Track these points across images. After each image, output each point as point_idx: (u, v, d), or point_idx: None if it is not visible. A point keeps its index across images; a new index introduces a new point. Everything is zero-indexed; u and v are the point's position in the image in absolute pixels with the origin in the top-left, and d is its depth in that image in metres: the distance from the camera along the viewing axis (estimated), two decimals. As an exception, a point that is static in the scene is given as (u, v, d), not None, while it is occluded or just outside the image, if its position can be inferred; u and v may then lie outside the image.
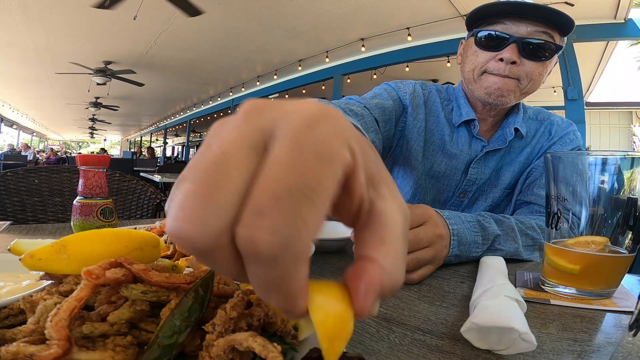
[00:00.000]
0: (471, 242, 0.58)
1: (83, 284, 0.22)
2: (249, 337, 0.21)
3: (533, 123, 0.86)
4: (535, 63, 0.73)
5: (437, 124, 0.86)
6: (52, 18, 5.09)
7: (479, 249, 0.59)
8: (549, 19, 0.70)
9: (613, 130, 8.86)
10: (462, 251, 0.57)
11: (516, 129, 0.82)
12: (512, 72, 0.73)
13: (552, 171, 0.48)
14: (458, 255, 0.57)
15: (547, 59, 0.73)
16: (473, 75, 0.78)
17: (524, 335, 0.30)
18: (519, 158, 0.83)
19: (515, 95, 0.76)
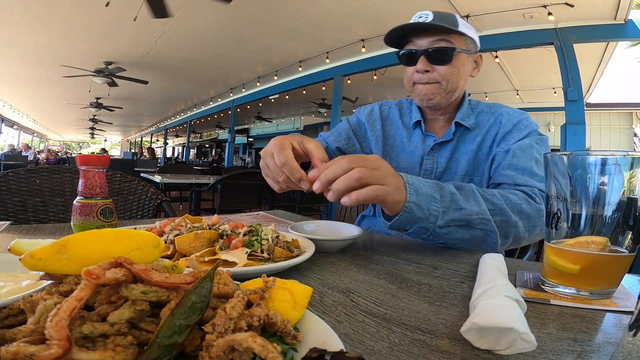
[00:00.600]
0: (428, 195, 0.62)
1: (83, 284, 0.23)
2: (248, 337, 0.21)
3: (486, 115, 0.96)
4: (444, 66, 0.86)
5: (396, 130, 1.03)
6: (53, 18, 5.10)
7: (438, 205, 0.63)
8: (437, 28, 0.84)
9: (613, 131, 8.86)
10: (420, 201, 0.61)
11: (458, 123, 0.93)
12: (430, 78, 0.88)
13: (552, 171, 0.48)
14: (418, 205, 0.61)
15: (449, 61, 0.86)
16: (409, 87, 0.94)
17: (524, 336, 0.30)
18: (471, 147, 0.93)
19: (441, 96, 0.90)
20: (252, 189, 3.59)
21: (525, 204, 0.71)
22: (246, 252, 0.53)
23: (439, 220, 0.63)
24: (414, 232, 0.66)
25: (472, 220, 0.65)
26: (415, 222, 0.63)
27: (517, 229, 0.69)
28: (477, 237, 0.67)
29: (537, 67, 6.31)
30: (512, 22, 4.67)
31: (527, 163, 0.81)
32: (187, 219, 0.65)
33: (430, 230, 0.65)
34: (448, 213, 0.63)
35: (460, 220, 0.65)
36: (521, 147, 0.84)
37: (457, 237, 0.67)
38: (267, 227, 0.61)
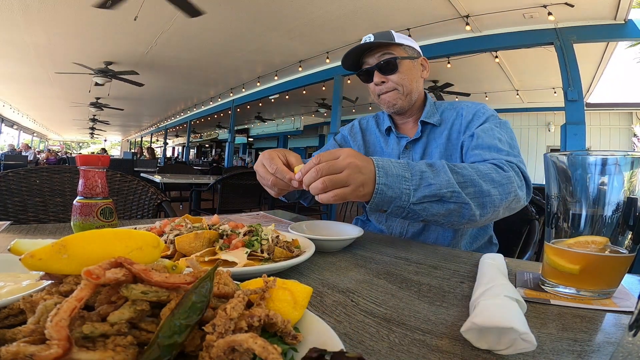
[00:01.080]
0: (398, 175, 0.67)
1: (83, 284, 0.23)
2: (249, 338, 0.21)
3: (449, 112, 1.07)
4: (394, 75, 1.00)
5: (374, 139, 1.17)
6: (53, 18, 5.09)
7: (408, 184, 0.67)
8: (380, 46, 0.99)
9: (613, 131, 8.85)
10: (390, 182, 0.66)
11: (423, 122, 1.05)
12: (388, 87, 1.02)
13: (552, 171, 0.48)
14: (389, 186, 0.65)
15: (396, 69, 1.00)
16: (376, 100, 1.07)
17: (524, 336, 0.30)
18: (440, 141, 1.04)
19: (402, 100, 1.03)
20: (252, 189, 3.59)
21: (494, 173, 0.75)
22: (246, 252, 0.53)
23: (412, 197, 0.67)
24: (392, 212, 0.69)
25: (443, 194, 0.68)
26: (390, 203, 0.67)
27: (492, 198, 0.72)
28: (453, 210, 0.70)
29: (537, 67, 6.31)
30: (512, 22, 4.67)
31: (491, 141, 0.89)
32: (187, 219, 0.65)
33: (406, 209, 0.68)
34: (419, 190, 0.68)
35: (432, 196, 0.68)
36: (483, 129, 0.93)
37: (433, 212, 0.70)
38: (267, 227, 0.61)
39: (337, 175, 0.63)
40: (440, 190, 0.68)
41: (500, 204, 0.73)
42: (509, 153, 0.85)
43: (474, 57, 5.64)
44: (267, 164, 0.74)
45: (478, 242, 1.02)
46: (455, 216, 0.71)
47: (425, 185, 0.68)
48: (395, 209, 0.68)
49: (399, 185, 0.67)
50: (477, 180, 0.72)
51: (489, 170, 0.75)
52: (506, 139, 0.91)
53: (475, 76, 7.06)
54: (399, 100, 1.02)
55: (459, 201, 0.69)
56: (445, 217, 0.71)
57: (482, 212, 0.72)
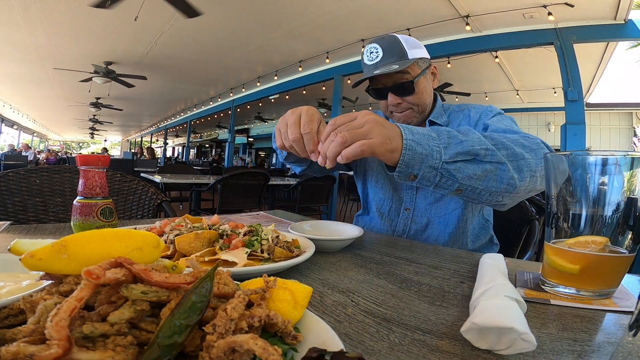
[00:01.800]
0: (424, 134, 0.63)
1: (83, 284, 0.23)
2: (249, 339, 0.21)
3: (456, 114, 1.05)
4: (411, 96, 0.96)
5: None
6: (53, 18, 5.09)
7: (437, 142, 0.63)
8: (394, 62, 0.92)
9: (613, 131, 8.85)
10: (418, 139, 0.61)
11: (431, 121, 1.03)
12: (403, 107, 0.98)
13: (552, 171, 0.48)
14: (417, 142, 0.61)
15: (413, 92, 0.96)
16: (387, 113, 1.04)
17: (524, 336, 0.30)
18: None
19: (417, 118, 1.01)
20: (252, 189, 3.59)
21: (523, 139, 0.71)
22: (246, 252, 0.53)
23: (443, 155, 0.62)
24: (423, 177, 0.63)
25: (477, 151, 0.63)
26: (421, 162, 0.61)
27: (527, 161, 0.67)
28: (489, 172, 0.64)
29: (537, 67, 6.31)
30: (512, 22, 4.67)
31: (505, 127, 0.87)
32: (187, 219, 0.65)
33: (439, 170, 0.62)
34: (450, 147, 0.62)
35: (465, 153, 0.62)
36: (493, 121, 0.93)
37: (469, 174, 0.63)
38: (267, 227, 0.61)
39: (357, 130, 0.59)
40: (473, 147, 0.63)
41: (536, 168, 0.68)
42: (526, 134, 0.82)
43: (474, 57, 5.64)
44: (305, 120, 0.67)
45: (479, 241, 1.02)
46: (492, 180, 0.65)
47: (457, 142, 0.63)
48: (427, 171, 0.62)
49: (428, 142, 0.62)
50: (508, 143, 0.67)
51: (517, 137, 0.71)
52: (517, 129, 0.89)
53: (475, 76, 7.06)
54: (413, 119, 1.01)
55: (495, 160, 0.64)
56: (483, 180, 0.65)
57: (521, 176, 0.66)
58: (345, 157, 0.59)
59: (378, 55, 0.94)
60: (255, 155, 21.32)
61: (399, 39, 0.95)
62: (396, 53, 0.93)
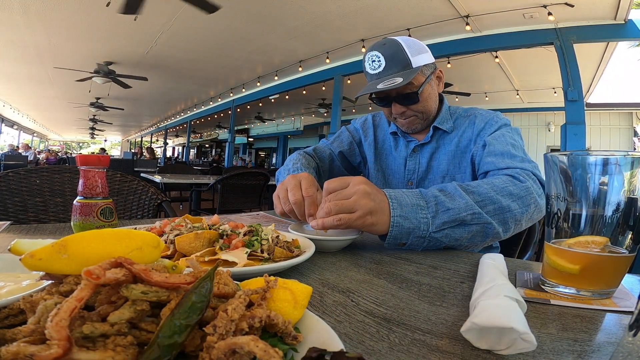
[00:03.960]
0: (413, 204, 0.65)
1: (83, 284, 0.23)
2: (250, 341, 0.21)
3: (462, 119, 1.04)
4: (415, 105, 0.96)
5: (385, 137, 1.15)
6: (53, 18, 5.10)
7: (425, 212, 0.65)
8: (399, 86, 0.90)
9: (613, 131, 8.85)
10: (406, 212, 0.64)
11: (436, 127, 1.02)
12: (407, 114, 0.99)
13: (552, 171, 0.48)
14: (404, 217, 0.63)
15: (417, 100, 0.95)
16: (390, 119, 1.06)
17: (524, 336, 0.30)
18: (449, 148, 1.02)
19: (421, 124, 1.02)
20: (252, 189, 3.59)
21: (511, 186, 0.72)
22: (246, 252, 0.53)
23: (431, 226, 0.65)
24: (412, 244, 0.67)
25: (463, 218, 0.66)
26: (409, 234, 0.65)
27: (512, 213, 0.69)
28: (476, 232, 0.68)
29: (537, 67, 6.32)
30: (512, 22, 4.68)
31: (503, 148, 0.86)
32: (187, 219, 0.65)
33: (427, 238, 0.66)
34: (437, 217, 0.65)
35: (452, 221, 0.65)
36: (495, 136, 0.91)
37: (456, 237, 0.67)
38: (267, 227, 0.61)
39: (343, 201, 0.62)
40: (459, 214, 0.65)
41: (521, 217, 0.71)
42: (524, 159, 0.82)
43: (474, 57, 5.65)
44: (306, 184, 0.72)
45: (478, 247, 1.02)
46: (479, 237, 0.69)
47: (443, 210, 0.65)
48: (414, 240, 0.66)
49: (416, 215, 0.64)
50: (495, 196, 0.69)
51: (505, 183, 0.72)
52: (520, 144, 0.89)
53: (475, 76, 7.06)
54: (417, 125, 1.01)
55: (481, 222, 0.67)
56: (469, 239, 0.69)
57: (505, 228, 0.70)
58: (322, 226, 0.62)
59: (380, 65, 0.92)
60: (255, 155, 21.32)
61: (402, 46, 0.91)
62: (399, 62, 0.91)
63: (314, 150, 1.13)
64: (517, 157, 0.82)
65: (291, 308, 0.30)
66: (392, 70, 0.91)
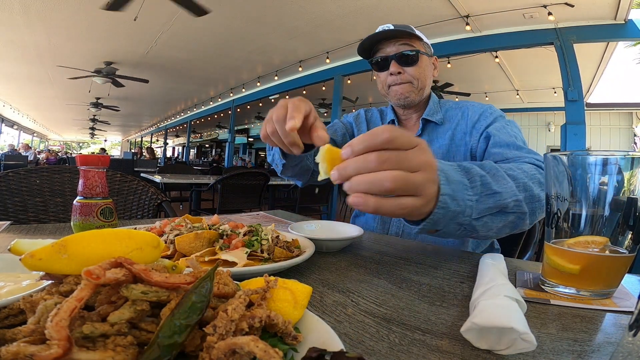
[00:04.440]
0: (459, 182, 0.50)
1: (83, 284, 0.23)
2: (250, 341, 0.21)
3: (454, 111, 1.05)
4: (412, 67, 0.98)
5: None
6: (53, 18, 5.09)
7: (470, 193, 0.51)
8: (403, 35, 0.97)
9: (613, 131, 8.85)
10: (454, 190, 0.48)
11: (425, 119, 1.04)
12: (403, 78, 0.99)
13: (553, 171, 0.48)
14: (453, 197, 0.48)
15: (416, 62, 0.98)
16: (385, 92, 1.05)
17: (524, 336, 0.30)
18: (443, 141, 1.02)
19: (415, 93, 1.01)
20: (252, 189, 3.59)
21: (539, 174, 0.64)
22: (246, 252, 0.53)
23: (474, 211, 0.51)
24: (445, 232, 0.53)
25: (507, 204, 0.55)
26: (450, 219, 0.50)
27: (541, 202, 0.60)
28: (509, 223, 0.58)
29: (537, 67, 6.31)
30: (512, 22, 4.68)
31: (508, 139, 0.86)
32: (187, 219, 0.65)
33: (464, 226, 0.52)
34: (481, 201, 0.52)
35: (495, 207, 0.54)
36: (496, 128, 0.91)
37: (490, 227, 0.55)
38: (267, 227, 0.61)
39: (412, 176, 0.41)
40: (505, 200, 0.54)
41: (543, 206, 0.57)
42: (529, 151, 0.81)
43: (474, 57, 5.64)
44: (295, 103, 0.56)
45: (479, 248, 1.01)
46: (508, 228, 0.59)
47: (489, 194, 0.53)
48: (452, 227, 0.51)
49: (463, 197, 0.50)
50: (529, 183, 0.60)
51: (533, 171, 0.64)
52: (520, 136, 0.89)
53: (475, 76, 7.06)
54: (411, 94, 1.00)
55: (520, 211, 0.57)
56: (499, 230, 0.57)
57: (531, 220, 0.61)
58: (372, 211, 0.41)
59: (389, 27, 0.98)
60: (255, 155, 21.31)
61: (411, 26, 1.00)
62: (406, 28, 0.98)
63: None
64: (524, 149, 0.82)
65: (291, 308, 0.30)
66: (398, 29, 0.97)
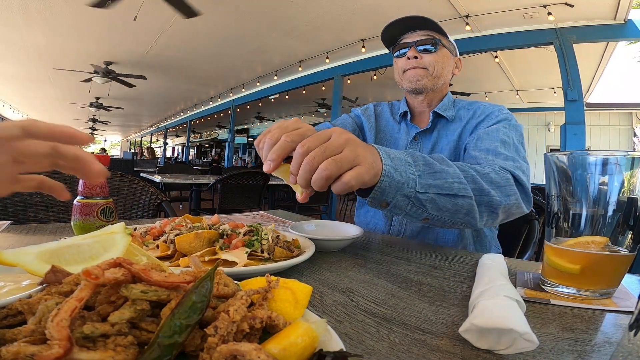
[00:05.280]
0: (401, 159, 0.59)
1: (83, 284, 0.23)
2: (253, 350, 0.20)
3: (465, 110, 1.05)
4: (430, 55, 0.99)
5: (386, 124, 1.16)
6: (52, 18, 5.09)
7: (413, 169, 0.59)
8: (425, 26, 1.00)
9: (613, 131, 8.85)
10: (396, 165, 0.57)
11: (437, 114, 1.03)
12: (419, 63, 1.00)
13: (553, 171, 0.48)
14: (395, 168, 0.56)
15: (435, 49, 0.99)
16: (400, 77, 1.06)
17: (525, 335, 0.30)
18: (452, 137, 1.02)
19: (428, 79, 1.01)
20: (252, 189, 3.59)
21: (493, 174, 0.70)
22: (246, 252, 0.53)
23: (417, 184, 0.59)
24: (395, 205, 0.59)
25: (450, 184, 0.62)
26: (396, 190, 0.57)
27: (491, 197, 0.67)
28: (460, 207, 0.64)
29: (537, 67, 6.32)
30: (512, 22, 4.68)
31: (491, 144, 0.84)
32: (187, 219, 0.65)
33: (412, 199, 0.59)
34: (424, 177, 0.60)
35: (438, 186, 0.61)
36: (487, 131, 0.90)
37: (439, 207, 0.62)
38: (267, 227, 0.61)
39: (340, 155, 0.49)
40: (446, 179, 0.61)
41: (498, 205, 0.68)
42: (507, 157, 0.79)
43: (474, 57, 5.64)
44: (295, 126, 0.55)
45: (480, 248, 1.02)
46: (461, 214, 0.65)
47: (431, 172, 0.61)
48: (400, 200, 0.58)
49: (405, 169, 0.58)
50: (476, 177, 0.66)
51: (487, 170, 0.70)
52: (513, 141, 0.86)
53: (475, 76, 7.06)
54: (424, 79, 0.99)
55: (467, 195, 0.63)
56: (452, 214, 0.64)
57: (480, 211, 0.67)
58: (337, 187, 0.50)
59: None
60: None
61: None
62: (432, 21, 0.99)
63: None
64: (502, 155, 0.80)
65: (292, 308, 0.30)
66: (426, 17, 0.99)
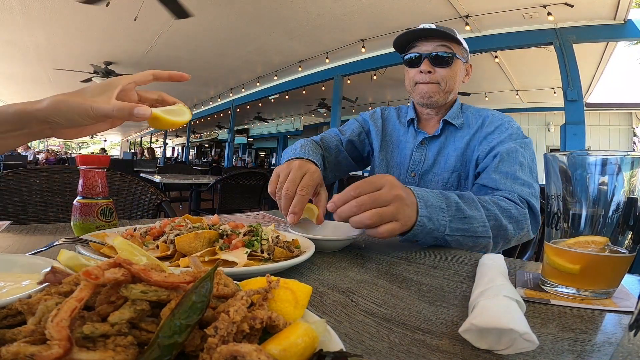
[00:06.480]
0: (436, 206, 0.68)
1: (83, 284, 0.23)
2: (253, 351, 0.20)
3: (474, 118, 1.06)
4: (444, 69, 0.99)
5: (393, 128, 1.18)
6: (53, 18, 5.09)
7: (445, 215, 0.69)
8: (442, 36, 0.98)
9: (613, 131, 8.85)
10: (431, 214, 0.66)
11: (446, 121, 1.04)
12: (432, 78, 1.00)
13: (553, 171, 0.48)
14: (429, 218, 0.66)
15: (450, 64, 0.99)
16: (410, 88, 1.06)
17: (525, 335, 0.30)
18: (460, 145, 1.03)
19: (440, 95, 1.01)
20: (252, 189, 3.59)
21: (514, 209, 0.79)
22: (246, 252, 0.53)
23: (447, 228, 0.69)
24: (423, 242, 0.72)
25: (475, 229, 0.72)
26: (427, 234, 0.68)
27: (507, 232, 0.77)
28: (477, 243, 0.74)
29: (537, 67, 6.32)
30: (512, 22, 4.68)
31: (511, 167, 0.89)
32: (187, 219, 0.65)
33: (439, 239, 0.70)
34: (454, 221, 0.70)
35: (465, 230, 0.71)
36: (508, 151, 0.91)
37: (461, 242, 0.73)
38: (267, 227, 0.61)
39: (384, 209, 0.61)
40: (473, 225, 0.71)
41: (512, 238, 0.78)
42: (524, 183, 0.86)
43: (474, 57, 5.62)
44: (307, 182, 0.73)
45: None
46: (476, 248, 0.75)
47: (461, 217, 0.70)
48: (428, 240, 0.70)
49: (438, 217, 0.68)
50: (499, 215, 0.76)
51: (509, 205, 0.79)
52: (528, 162, 0.91)
53: (475, 76, 7.06)
54: (436, 95, 1.01)
55: (485, 235, 0.73)
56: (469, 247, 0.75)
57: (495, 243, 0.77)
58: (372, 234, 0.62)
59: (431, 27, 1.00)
60: (255, 155, 21.32)
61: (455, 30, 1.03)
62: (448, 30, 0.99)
63: (321, 140, 1.13)
64: (519, 180, 0.86)
65: (292, 308, 0.30)
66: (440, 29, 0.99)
